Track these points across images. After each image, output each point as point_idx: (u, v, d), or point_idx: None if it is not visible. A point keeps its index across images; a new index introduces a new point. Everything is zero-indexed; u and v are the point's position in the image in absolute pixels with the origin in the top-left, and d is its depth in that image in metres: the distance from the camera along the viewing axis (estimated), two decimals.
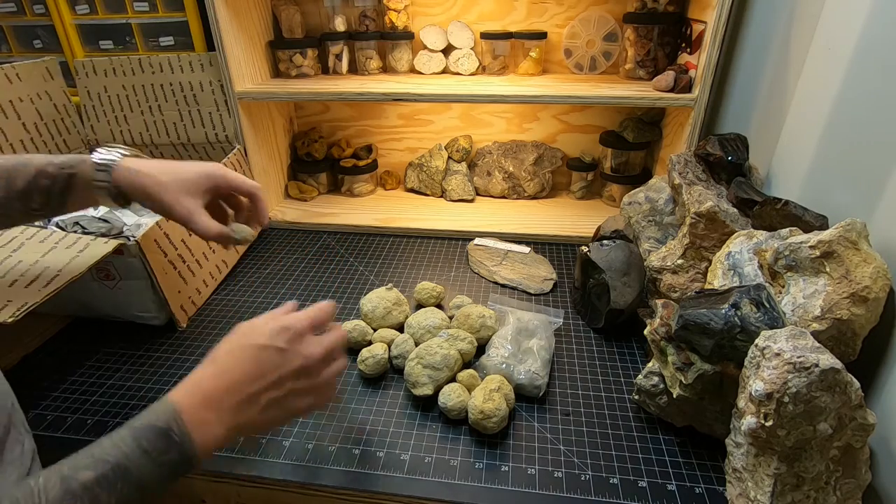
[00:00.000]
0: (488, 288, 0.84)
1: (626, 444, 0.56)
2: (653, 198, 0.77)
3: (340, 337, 0.48)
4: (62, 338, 0.74)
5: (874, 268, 0.48)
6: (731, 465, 0.49)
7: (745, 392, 0.46)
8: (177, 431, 0.37)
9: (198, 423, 0.38)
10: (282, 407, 0.43)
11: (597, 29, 1.01)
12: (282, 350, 0.43)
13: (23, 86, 0.93)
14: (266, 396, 0.42)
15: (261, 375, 0.42)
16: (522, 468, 0.54)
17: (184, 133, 1.00)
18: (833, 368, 0.41)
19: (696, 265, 0.67)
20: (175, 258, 0.74)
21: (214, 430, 0.39)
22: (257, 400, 0.41)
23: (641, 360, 0.68)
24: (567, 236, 0.98)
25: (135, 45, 1.44)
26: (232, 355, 0.42)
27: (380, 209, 1.10)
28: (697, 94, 0.83)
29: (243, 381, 0.41)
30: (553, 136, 1.14)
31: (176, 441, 0.37)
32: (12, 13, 1.50)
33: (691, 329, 0.51)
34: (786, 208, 0.59)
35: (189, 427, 0.38)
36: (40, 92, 0.96)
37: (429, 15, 1.06)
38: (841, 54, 0.59)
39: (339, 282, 0.86)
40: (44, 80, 0.97)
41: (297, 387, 0.43)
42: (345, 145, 1.18)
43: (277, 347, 0.43)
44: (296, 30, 1.05)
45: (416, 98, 0.91)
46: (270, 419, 0.43)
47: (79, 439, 0.57)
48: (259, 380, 0.41)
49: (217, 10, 0.86)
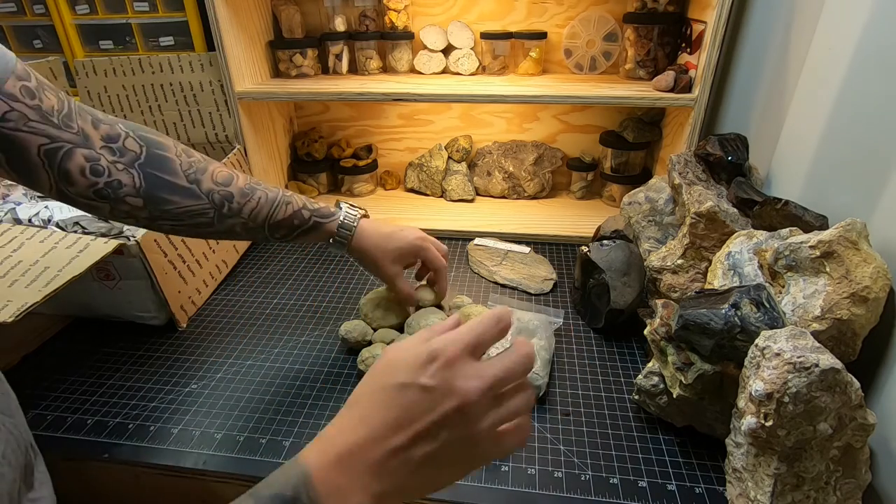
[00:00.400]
0: (488, 288, 0.84)
1: (626, 444, 0.56)
2: (653, 198, 0.77)
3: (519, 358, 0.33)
4: (62, 338, 0.74)
5: (874, 268, 0.48)
6: (731, 465, 0.49)
7: (745, 392, 0.46)
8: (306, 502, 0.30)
9: (331, 490, 0.30)
10: (439, 463, 0.32)
11: (597, 29, 1.01)
12: (427, 389, 0.31)
13: None
14: (417, 452, 0.31)
15: (404, 424, 0.31)
16: (522, 468, 0.54)
17: (184, 133, 1.00)
18: (833, 368, 0.41)
19: (696, 265, 0.67)
20: (175, 258, 0.74)
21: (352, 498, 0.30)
22: (405, 457, 0.31)
23: (641, 360, 0.68)
24: (567, 236, 0.98)
25: (135, 45, 1.44)
26: (371, 399, 0.33)
27: (380, 209, 1.10)
28: (697, 94, 0.83)
29: (381, 435, 0.31)
30: (553, 136, 1.14)
31: None
32: (12, 13, 1.50)
33: (691, 329, 0.51)
34: (786, 208, 0.59)
35: (321, 495, 0.30)
36: None
37: (429, 15, 1.06)
38: (841, 54, 0.59)
39: (339, 282, 0.86)
40: (47, 80, 0.96)
41: (456, 436, 0.31)
42: (345, 145, 1.18)
43: (422, 386, 0.31)
44: (296, 30, 1.05)
45: (416, 98, 0.91)
46: (427, 481, 0.32)
47: (79, 439, 0.57)
48: (402, 430, 0.31)
49: (217, 10, 0.86)
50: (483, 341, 0.33)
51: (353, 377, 0.66)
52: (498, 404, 0.33)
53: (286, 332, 0.75)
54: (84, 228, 0.74)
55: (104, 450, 0.56)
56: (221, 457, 0.55)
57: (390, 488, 0.31)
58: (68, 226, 0.74)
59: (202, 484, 0.56)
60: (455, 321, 0.37)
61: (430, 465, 0.31)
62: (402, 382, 0.32)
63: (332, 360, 0.69)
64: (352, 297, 0.82)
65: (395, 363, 0.33)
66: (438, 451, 0.31)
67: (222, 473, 0.54)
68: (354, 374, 0.66)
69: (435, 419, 0.31)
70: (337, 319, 0.77)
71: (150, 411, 0.61)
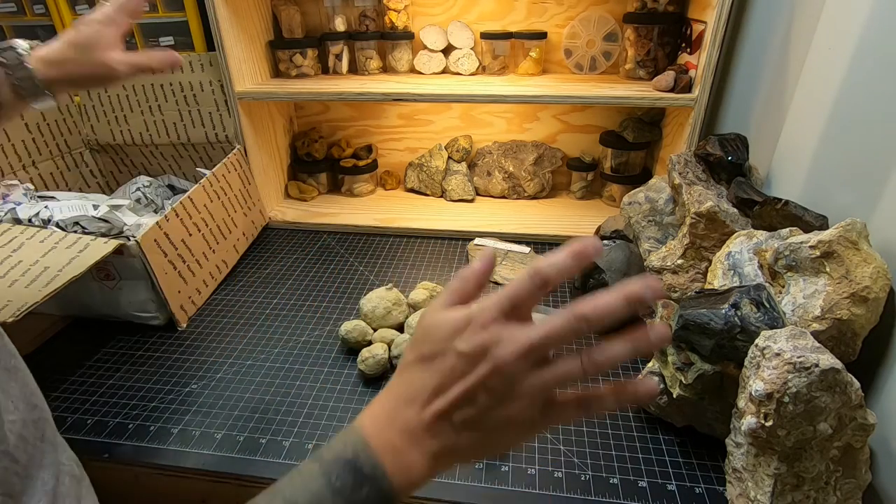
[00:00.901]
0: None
1: (626, 444, 0.56)
2: (653, 198, 0.77)
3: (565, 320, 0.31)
4: (62, 338, 0.74)
5: (874, 268, 0.48)
6: (731, 465, 0.49)
7: (745, 392, 0.46)
8: (365, 462, 0.31)
9: (388, 450, 0.31)
10: (484, 427, 0.32)
11: (597, 29, 1.01)
12: (463, 355, 0.31)
13: None
14: (459, 416, 0.31)
15: (443, 389, 0.31)
16: (522, 468, 0.54)
17: (184, 133, 1.00)
18: (833, 368, 0.41)
19: (696, 265, 0.67)
20: (175, 258, 0.74)
21: (408, 456, 0.31)
22: (449, 421, 0.31)
23: (641, 360, 0.68)
24: (567, 236, 0.97)
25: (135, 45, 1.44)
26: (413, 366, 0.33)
27: (380, 209, 1.10)
28: (697, 94, 0.83)
29: (425, 399, 0.32)
30: (553, 136, 1.14)
31: (366, 474, 0.30)
32: (12, 13, 1.50)
33: (691, 329, 0.51)
34: (786, 208, 0.59)
35: (379, 454, 0.31)
36: None
37: (429, 15, 1.06)
38: (841, 54, 0.59)
39: (339, 282, 0.86)
40: None
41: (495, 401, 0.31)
42: (345, 145, 1.18)
43: (458, 352, 0.31)
44: (296, 30, 1.05)
45: (416, 98, 0.91)
46: (477, 444, 0.32)
47: (79, 439, 0.57)
48: (442, 395, 0.31)
49: (217, 10, 0.86)
50: (519, 301, 0.32)
51: (353, 377, 0.66)
52: (540, 368, 0.31)
53: (286, 332, 0.75)
54: (84, 228, 0.74)
55: (104, 450, 0.56)
56: (221, 457, 0.55)
57: (441, 449, 0.32)
58: (68, 226, 0.74)
59: (202, 484, 0.55)
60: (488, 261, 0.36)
61: (475, 429, 0.31)
62: (440, 349, 0.32)
63: (332, 360, 0.69)
64: (352, 297, 0.82)
65: (432, 330, 0.33)
66: (479, 416, 0.31)
67: (222, 473, 0.54)
68: (354, 374, 0.66)
69: (472, 384, 0.31)
70: (337, 319, 0.77)
71: (150, 411, 0.61)
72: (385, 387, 0.34)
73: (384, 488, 0.30)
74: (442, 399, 0.31)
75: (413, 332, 0.49)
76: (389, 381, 0.34)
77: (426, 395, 0.32)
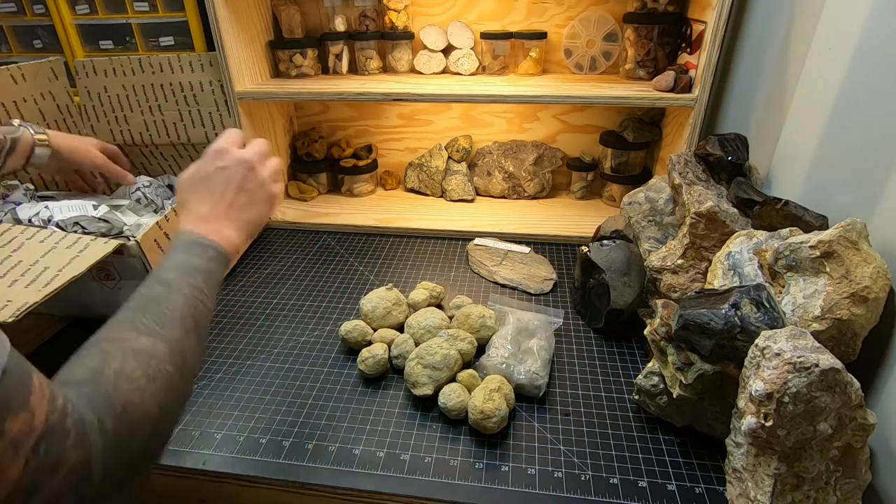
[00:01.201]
0: (488, 288, 0.84)
1: (626, 444, 0.56)
2: (653, 198, 0.77)
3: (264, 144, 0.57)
4: (62, 338, 0.74)
5: (874, 268, 0.48)
6: (731, 465, 0.49)
7: (745, 392, 0.46)
8: (204, 239, 0.47)
9: (213, 233, 0.48)
10: (255, 201, 0.53)
11: (597, 29, 1.01)
12: (224, 168, 0.52)
13: (27, 86, 0.93)
14: (239, 200, 0.52)
15: (227, 189, 0.51)
16: (522, 468, 0.54)
17: (184, 133, 1.00)
18: (833, 368, 0.41)
19: (696, 265, 0.67)
20: None
21: (225, 232, 0.49)
22: (236, 205, 0.51)
23: (641, 360, 0.68)
24: (567, 236, 0.98)
25: (135, 45, 1.44)
26: (195, 191, 0.51)
27: (380, 209, 1.10)
28: (697, 94, 0.83)
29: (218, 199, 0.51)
30: (553, 136, 1.14)
31: (208, 244, 0.47)
32: (12, 13, 1.50)
33: (691, 329, 0.51)
34: (786, 208, 0.59)
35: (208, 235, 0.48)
36: (44, 92, 0.96)
37: (429, 15, 1.06)
38: (841, 54, 0.59)
39: (339, 282, 0.86)
40: (48, 80, 0.96)
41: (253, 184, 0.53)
42: (345, 145, 1.18)
43: (220, 167, 0.52)
44: (296, 30, 1.05)
45: (416, 98, 0.91)
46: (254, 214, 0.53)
47: None
48: (226, 193, 0.51)
49: (217, 10, 0.86)
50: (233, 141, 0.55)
51: (353, 377, 0.66)
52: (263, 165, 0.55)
53: (286, 332, 0.75)
54: (84, 228, 0.74)
55: None
56: (221, 457, 0.55)
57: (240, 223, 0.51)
58: (68, 226, 0.74)
59: (202, 484, 0.56)
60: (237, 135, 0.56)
61: (252, 204, 0.53)
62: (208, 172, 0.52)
63: (332, 360, 0.69)
64: (352, 297, 0.82)
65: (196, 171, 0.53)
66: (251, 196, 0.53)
67: (222, 473, 0.54)
68: (354, 373, 0.66)
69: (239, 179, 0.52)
70: (337, 319, 0.77)
71: None
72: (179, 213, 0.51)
73: (221, 251, 0.48)
74: (228, 194, 0.51)
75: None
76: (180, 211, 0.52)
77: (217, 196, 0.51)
